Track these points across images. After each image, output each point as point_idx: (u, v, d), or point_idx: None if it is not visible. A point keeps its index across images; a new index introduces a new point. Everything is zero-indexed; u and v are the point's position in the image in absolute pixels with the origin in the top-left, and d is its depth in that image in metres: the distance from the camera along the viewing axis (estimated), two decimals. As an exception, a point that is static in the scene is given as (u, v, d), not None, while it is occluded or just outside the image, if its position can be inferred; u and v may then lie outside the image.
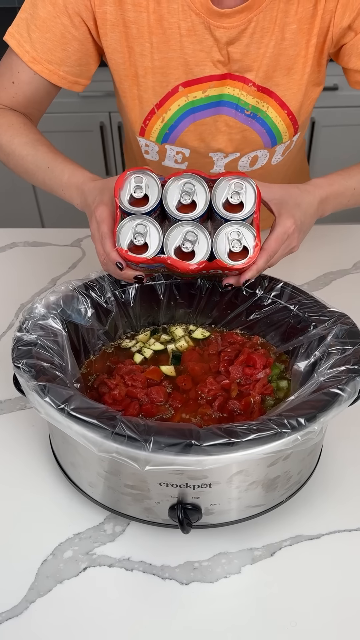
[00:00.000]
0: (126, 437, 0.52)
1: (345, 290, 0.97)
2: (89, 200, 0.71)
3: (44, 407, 0.56)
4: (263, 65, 0.82)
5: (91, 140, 2.03)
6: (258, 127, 0.89)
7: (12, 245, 1.12)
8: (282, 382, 0.70)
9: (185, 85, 0.84)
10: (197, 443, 0.51)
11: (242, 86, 0.84)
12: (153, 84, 0.84)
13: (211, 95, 0.85)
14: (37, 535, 0.63)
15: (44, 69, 0.82)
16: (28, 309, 0.66)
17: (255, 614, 0.57)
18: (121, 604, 0.58)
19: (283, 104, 0.87)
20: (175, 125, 0.88)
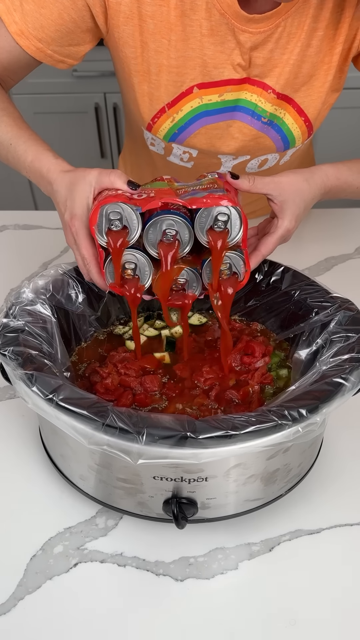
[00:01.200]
0: (118, 429, 0.49)
1: (347, 275, 0.95)
2: (57, 198, 0.65)
3: (31, 397, 0.53)
4: (285, 72, 0.79)
5: (86, 122, 1.98)
6: (273, 134, 0.85)
7: (2, 228, 1.09)
8: (282, 371, 0.67)
9: (201, 87, 0.80)
10: (193, 435, 0.49)
11: (260, 92, 0.80)
12: (166, 83, 0.79)
13: (227, 100, 0.81)
14: (26, 530, 0.61)
15: (31, 45, 0.76)
16: (15, 294, 0.63)
17: (252, 611, 0.55)
18: (113, 601, 0.55)
19: (301, 111, 0.83)
20: (185, 127, 0.84)
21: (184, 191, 0.62)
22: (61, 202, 0.63)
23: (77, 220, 0.61)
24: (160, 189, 0.62)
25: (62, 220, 0.63)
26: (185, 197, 0.60)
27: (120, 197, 0.59)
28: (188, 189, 0.63)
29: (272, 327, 0.72)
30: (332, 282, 0.71)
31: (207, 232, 0.60)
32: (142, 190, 0.61)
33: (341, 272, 0.96)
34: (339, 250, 1.00)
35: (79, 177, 0.62)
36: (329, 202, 0.81)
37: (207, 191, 0.61)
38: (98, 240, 0.60)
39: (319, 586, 0.56)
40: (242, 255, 0.62)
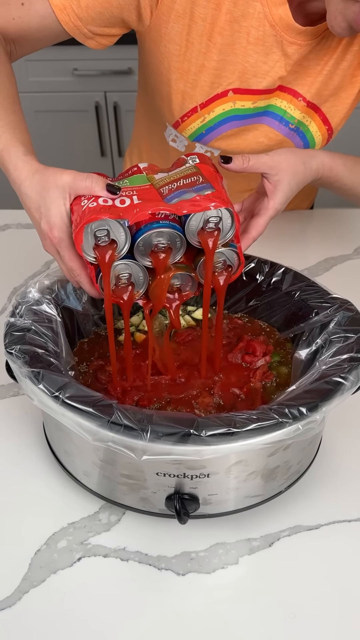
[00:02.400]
0: (123, 426, 0.50)
1: (346, 275, 0.96)
2: (27, 202, 0.60)
3: (37, 395, 0.54)
4: (317, 81, 0.80)
5: (86, 121, 1.99)
6: (297, 140, 0.86)
7: (5, 227, 1.10)
8: (282, 369, 0.68)
9: (237, 92, 0.80)
10: (196, 432, 0.50)
11: (291, 99, 0.81)
12: (203, 84, 0.80)
13: (259, 107, 0.82)
14: (31, 525, 0.62)
15: (70, 21, 0.75)
16: (21, 293, 0.64)
17: (252, 605, 0.56)
18: (116, 594, 0.56)
19: (326, 120, 0.84)
20: (214, 128, 0.84)
21: (168, 190, 0.58)
22: (33, 207, 0.59)
23: (56, 231, 0.58)
24: (142, 188, 0.59)
25: (38, 229, 0.60)
26: (171, 199, 0.57)
27: (102, 210, 0.55)
28: (172, 186, 0.58)
29: (273, 326, 0.73)
30: (332, 282, 0.72)
31: (198, 233, 0.58)
32: (122, 191, 0.58)
33: (340, 272, 0.97)
34: (338, 251, 1.01)
35: (50, 182, 0.58)
36: (329, 202, 0.82)
37: (193, 189, 0.57)
38: (86, 258, 0.57)
39: (317, 581, 0.57)
40: (236, 250, 0.61)
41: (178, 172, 0.60)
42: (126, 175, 0.62)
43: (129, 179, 0.61)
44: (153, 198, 0.57)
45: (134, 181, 0.60)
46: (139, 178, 0.61)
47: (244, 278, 0.73)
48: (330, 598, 0.56)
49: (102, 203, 0.56)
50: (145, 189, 0.59)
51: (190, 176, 0.59)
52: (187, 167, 0.61)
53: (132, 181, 0.60)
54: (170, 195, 0.57)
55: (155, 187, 0.59)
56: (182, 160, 0.63)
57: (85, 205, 0.56)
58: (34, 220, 0.61)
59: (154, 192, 0.58)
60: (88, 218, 0.54)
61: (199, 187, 0.57)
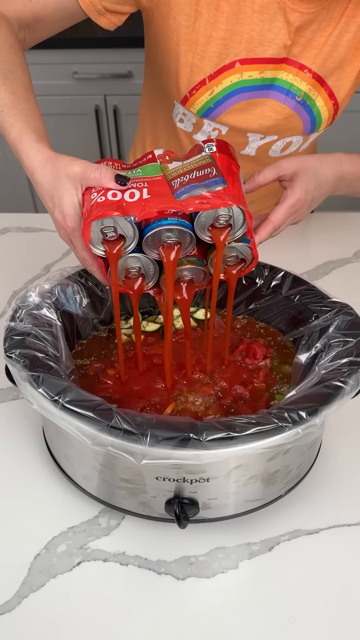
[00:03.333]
0: (122, 430, 0.50)
1: (345, 279, 0.96)
2: (41, 191, 0.61)
3: (36, 399, 0.54)
4: (322, 53, 0.81)
5: (86, 124, 1.99)
6: (304, 115, 0.87)
7: (5, 230, 1.10)
8: (285, 367, 0.68)
9: (243, 63, 0.81)
10: (196, 437, 0.50)
11: (297, 72, 0.82)
12: (211, 55, 0.81)
13: (266, 78, 0.83)
14: (30, 529, 0.62)
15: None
16: (21, 297, 0.64)
17: (252, 609, 0.56)
18: (116, 599, 0.56)
19: (332, 94, 0.85)
20: (222, 102, 0.85)
21: (179, 183, 0.57)
22: (47, 196, 0.61)
23: (69, 220, 0.59)
24: (153, 180, 0.58)
25: (53, 217, 0.62)
26: (181, 194, 0.55)
27: (110, 206, 0.54)
28: (183, 179, 0.57)
29: (271, 331, 0.73)
30: (331, 286, 0.72)
31: (209, 229, 0.57)
32: (132, 182, 0.57)
33: (340, 276, 0.97)
34: (337, 255, 1.01)
35: (61, 172, 0.58)
36: (328, 205, 0.82)
37: (204, 183, 0.56)
38: (95, 252, 0.58)
39: (317, 585, 0.57)
40: (249, 245, 0.60)
41: (192, 161, 0.59)
42: (141, 162, 0.61)
43: (141, 168, 0.60)
44: (163, 193, 0.56)
45: (147, 171, 0.59)
46: (152, 167, 0.60)
47: (243, 282, 0.73)
48: (330, 602, 0.56)
49: (111, 198, 0.56)
50: (157, 180, 0.58)
51: (204, 168, 0.58)
52: (202, 157, 0.59)
53: (144, 170, 0.59)
54: (180, 190, 0.56)
55: (166, 179, 0.58)
56: (199, 147, 0.61)
57: (94, 200, 0.56)
58: (48, 209, 0.62)
59: (165, 185, 0.57)
60: (95, 214, 0.54)
61: (211, 182, 0.56)
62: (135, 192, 0.56)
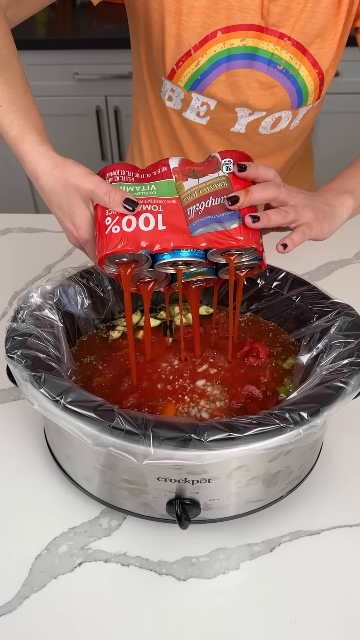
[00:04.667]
0: (124, 430, 0.50)
1: (346, 280, 0.96)
2: (49, 197, 0.60)
3: (38, 399, 0.54)
4: (301, 20, 0.82)
5: (87, 125, 1.99)
6: (289, 85, 0.87)
7: (6, 231, 1.10)
8: (289, 361, 0.68)
9: (225, 32, 0.82)
10: (197, 437, 0.50)
11: (277, 41, 0.83)
12: (195, 24, 0.82)
13: (248, 46, 0.84)
14: (31, 530, 0.62)
15: None
16: (23, 298, 0.64)
17: (253, 610, 0.56)
18: (117, 599, 0.56)
19: (315, 63, 0.86)
20: (208, 72, 0.86)
21: (194, 213, 0.57)
22: (54, 204, 0.60)
23: (82, 232, 0.60)
24: (168, 204, 0.57)
25: (62, 224, 0.61)
26: (196, 227, 0.56)
27: (124, 240, 0.55)
28: (199, 207, 0.57)
29: (276, 329, 0.73)
30: (332, 287, 0.72)
31: (221, 254, 0.59)
32: (146, 203, 0.57)
33: (341, 277, 0.97)
34: (338, 255, 1.02)
35: (70, 185, 0.58)
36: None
37: (220, 217, 0.56)
38: (108, 271, 0.59)
39: (319, 586, 0.57)
40: (259, 258, 0.60)
41: (209, 182, 0.58)
42: (155, 174, 0.60)
43: (156, 185, 0.59)
44: (178, 226, 0.56)
45: (161, 190, 0.58)
46: (167, 186, 0.59)
47: (245, 282, 0.73)
48: (332, 603, 0.56)
49: (126, 228, 0.56)
50: (172, 205, 0.57)
51: (220, 194, 0.57)
52: (219, 178, 0.58)
53: (159, 189, 0.58)
54: (196, 222, 0.57)
55: (182, 204, 0.57)
56: (216, 162, 0.60)
57: (109, 228, 0.56)
58: (56, 215, 0.61)
59: (180, 212, 0.57)
60: (111, 250, 0.55)
61: (226, 217, 0.56)
62: (150, 219, 0.56)
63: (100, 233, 0.57)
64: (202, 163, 0.60)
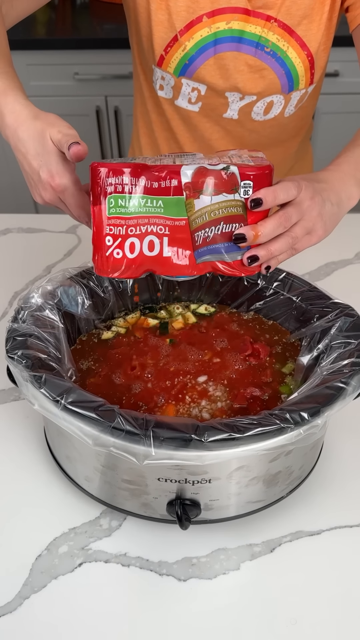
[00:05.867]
0: (124, 431, 0.50)
1: (347, 280, 0.96)
2: (22, 148, 0.58)
3: (38, 399, 0.54)
4: (286, 1, 0.82)
5: (87, 125, 1.99)
6: (277, 68, 0.87)
7: (6, 231, 1.10)
8: (286, 367, 0.68)
9: (210, 16, 0.83)
10: (197, 438, 0.50)
11: (264, 24, 0.84)
12: (180, 9, 0.83)
13: (234, 29, 0.84)
14: (32, 530, 0.62)
15: None
16: (24, 299, 0.64)
17: (254, 611, 0.56)
18: (117, 600, 0.56)
19: (303, 45, 0.86)
20: (195, 57, 0.86)
21: (202, 239, 0.55)
22: (31, 154, 0.58)
23: (58, 178, 0.57)
24: (175, 225, 0.55)
25: (35, 177, 0.58)
26: (202, 254, 0.56)
27: (127, 268, 0.55)
28: (208, 232, 0.55)
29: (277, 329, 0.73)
30: (332, 287, 0.72)
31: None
32: (152, 223, 0.55)
33: (341, 277, 0.97)
34: (339, 256, 1.01)
35: (44, 128, 0.57)
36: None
37: (227, 246, 0.55)
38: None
39: (319, 586, 0.57)
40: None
41: (222, 205, 0.54)
42: (163, 181, 0.54)
43: (163, 201, 0.55)
44: (183, 251, 0.56)
45: (169, 208, 0.55)
46: (176, 205, 0.55)
47: (245, 283, 0.73)
48: (333, 604, 0.56)
49: (129, 254, 0.55)
50: (179, 227, 0.55)
51: (232, 221, 0.55)
52: (234, 202, 0.54)
53: (167, 206, 0.55)
54: (202, 249, 0.56)
55: (190, 226, 0.55)
56: (234, 179, 0.54)
57: (110, 250, 0.55)
58: (31, 168, 0.59)
59: (187, 236, 0.55)
60: (112, 275, 0.56)
61: (234, 247, 0.55)
62: (155, 242, 0.55)
63: (99, 247, 0.55)
64: (218, 172, 0.54)
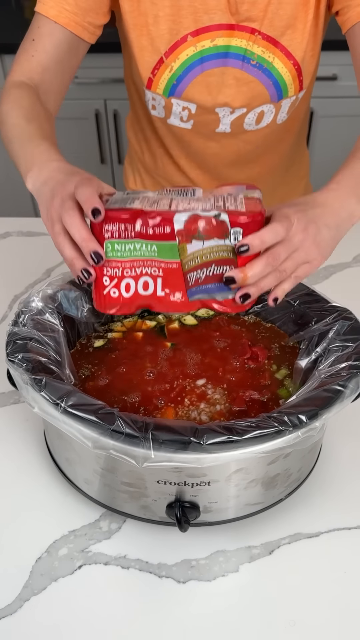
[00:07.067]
0: (124, 434, 0.50)
1: (345, 284, 0.97)
2: (43, 196, 0.62)
3: (38, 402, 0.54)
4: (268, 13, 0.82)
5: (86, 128, 2.00)
6: (265, 79, 0.88)
7: (6, 234, 1.10)
8: (279, 373, 0.68)
9: (194, 35, 0.84)
10: (196, 440, 0.50)
11: (249, 37, 0.84)
12: (163, 32, 0.84)
13: (219, 45, 0.85)
14: (31, 533, 0.62)
15: (70, 21, 0.81)
16: (24, 302, 0.64)
17: (253, 613, 0.56)
18: (117, 602, 0.57)
19: (289, 54, 0.86)
20: (183, 76, 0.87)
21: (194, 280, 0.57)
22: (46, 203, 0.61)
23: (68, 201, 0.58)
24: (169, 268, 0.57)
25: (50, 212, 0.60)
26: (194, 293, 0.58)
27: (123, 306, 0.59)
28: (200, 274, 0.57)
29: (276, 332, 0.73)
30: (331, 290, 0.72)
31: None
32: (147, 266, 0.57)
33: (339, 280, 0.98)
34: (337, 259, 1.02)
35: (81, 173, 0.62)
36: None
37: (218, 287, 0.57)
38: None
39: (318, 588, 0.58)
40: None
41: (213, 249, 0.56)
42: (157, 228, 0.56)
43: (157, 246, 0.57)
44: (176, 291, 0.59)
45: (163, 251, 0.57)
46: (169, 250, 0.57)
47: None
48: (331, 606, 0.56)
49: (125, 294, 0.59)
50: (172, 269, 0.58)
51: (223, 263, 0.56)
52: (225, 247, 0.56)
53: (160, 250, 0.57)
54: (194, 288, 0.58)
55: (183, 268, 0.57)
56: (224, 227, 0.55)
57: (107, 289, 0.59)
58: (48, 211, 0.61)
59: (180, 278, 0.58)
60: (108, 312, 0.60)
61: (224, 287, 0.57)
62: (149, 283, 0.59)
63: (98, 286, 0.59)
64: (209, 219, 0.56)
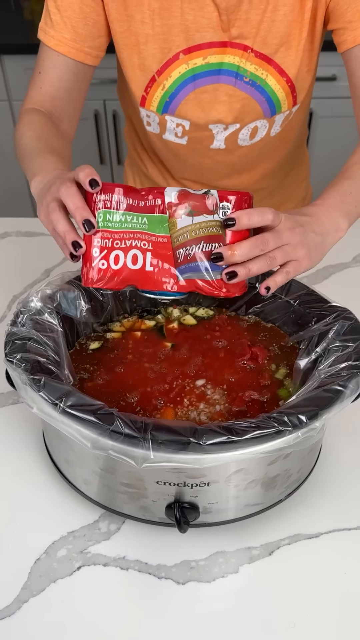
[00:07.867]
0: (123, 434, 0.50)
1: (344, 284, 0.96)
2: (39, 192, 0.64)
3: (37, 402, 0.54)
4: (261, 30, 0.82)
5: (85, 129, 2.00)
6: (258, 96, 0.87)
7: (5, 235, 1.10)
8: (279, 373, 0.68)
9: (186, 52, 0.84)
10: (196, 441, 0.50)
11: (241, 54, 0.84)
12: (154, 51, 0.84)
13: (211, 63, 0.85)
14: (30, 534, 0.62)
15: (70, 49, 0.83)
16: (23, 302, 0.64)
17: (252, 614, 0.56)
18: (116, 603, 0.56)
19: (282, 72, 0.86)
20: (175, 94, 0.87)
21: (183, 256, 0.57)
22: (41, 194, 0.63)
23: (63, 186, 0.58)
24: (158, 241, 0.58)
25: (47, 195, 0.60)
26: (183, 271, 0.58)
27: (110, 279, 0.58)
28: (189, 250, 0.57)
29: (276, 333, 0.73)
30: (330, 290, 0.72)
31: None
32: (137, 239, 0.57)
33: (339, 280, 0.97)
34: (337, 259, 1.02)
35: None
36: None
37: (207, 266, 0.57)
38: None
39: (317, 589, 0.57)
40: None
41: (202, 225, 0.57)
42: (148, 202, 0.58)
43: (148, 218, 0.58)
44: (165, 267, 0.58)
45: (153, 224, 0.58)
46: (159, 222, 0.58)
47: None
48: (331, 606, 0.56)
49: (113, 265, 0.58)
50: (162, 243, 0.58)
51: (212, 240, 0.57)
52: (214, 222, 0.57)
53: (150, 223, 0.58)
54: (184, 266, 0.58)
55: (172, 244, 0.58)
56: (214, 201, 0.56)
57: (96, 260, 0.58)
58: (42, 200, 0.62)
59: (169, 253, 0.58)
60: (96, 285, 0.59)
61: (214, 265, 0.57)
62: (138, 256, 0.58)
63: (87, 258, 0.58)
64: (200, 196, 0.57)
